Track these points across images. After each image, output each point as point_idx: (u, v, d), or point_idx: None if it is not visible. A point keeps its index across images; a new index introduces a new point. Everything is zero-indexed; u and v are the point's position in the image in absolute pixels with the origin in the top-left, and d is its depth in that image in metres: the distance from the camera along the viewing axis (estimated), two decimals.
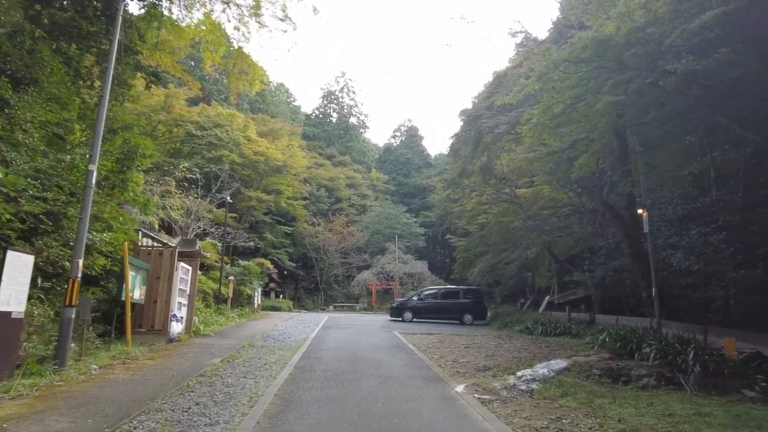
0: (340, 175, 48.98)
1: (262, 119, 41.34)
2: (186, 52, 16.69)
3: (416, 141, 65.19)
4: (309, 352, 10.91)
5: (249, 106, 54.94)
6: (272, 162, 33.20)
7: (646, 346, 9.53)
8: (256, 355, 10.20)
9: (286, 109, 72.02)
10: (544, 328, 15.88)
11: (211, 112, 34.44)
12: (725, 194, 14.19)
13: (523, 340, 14.07)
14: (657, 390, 7.77)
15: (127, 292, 9.91)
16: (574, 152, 15.12)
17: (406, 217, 47.52)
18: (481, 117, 21.42)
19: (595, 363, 9.01)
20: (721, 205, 14.16)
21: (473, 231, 29.37)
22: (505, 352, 11.21)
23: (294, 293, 38.25)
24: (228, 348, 11.05)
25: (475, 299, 23.06)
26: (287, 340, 13.24)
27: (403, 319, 22.31)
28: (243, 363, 9.16)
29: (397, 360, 9.86)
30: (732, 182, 14.23)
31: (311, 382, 7.47)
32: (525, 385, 7.19)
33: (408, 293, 33.22)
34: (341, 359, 9.80)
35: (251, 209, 33.37)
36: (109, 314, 10.18)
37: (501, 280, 33.07)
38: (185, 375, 7.60)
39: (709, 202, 14.28)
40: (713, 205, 14.26)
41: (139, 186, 12.20)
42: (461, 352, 11.21)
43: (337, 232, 39.69)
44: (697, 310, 13.53)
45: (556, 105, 10.76)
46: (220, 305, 20.69)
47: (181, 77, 17.95)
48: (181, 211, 24.45)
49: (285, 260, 37.52)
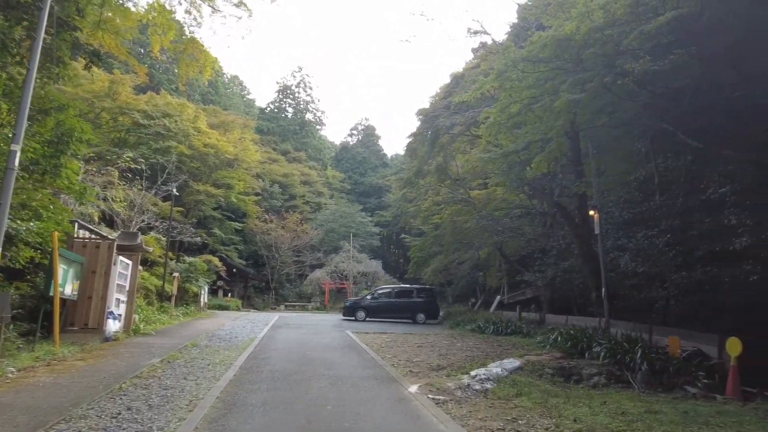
0: (295, 172, 47.99)
1: (214, 111, 39.83)
2: (133, 35, 15.70)
3: (373, 140, 65.01)
4: (256, 352, 10.41)
5: (201, 98, 52.96)
6: (223, 155, 32.02)
7: (596, 345, 9.67)
8: (200, 356, 9.61)
9: (240, 103, 70.06)
10: (495, 328, 16.00)
11: (159, 101, 32.84)
12: (667, 199, 14.81)
13: (476, 339, 14.09)
14: (607, 388, 7.84)
15: (55, 286, 9.07)
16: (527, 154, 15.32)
17: (361, 216, 47.18)
18: (438, 117, 21.45)
19: (548, 362, 9.04)
20: (664, 210, 14.76)
21: (428, 231, 29.46)
22: (458, 351, 11.13)
23: (243, 292, 37.10)
24: (169, 348, 10.37)
25: (428, 298, 23.10)
26: (234, 340, 12.65)
27: (356, 318, 22.00)
28: (184, 364, 8.58)
29: (349, 360, 9.55)
30: (674, 188, 14.86)
31: (257, 384, 7.03)
32: (479, 385, 7.05)
33: (362, 292, 32.95)
34: (290, 360, 9.38)
35: (200, 203, 32.07)
36: (36, 311, 9.29)
37: (453, 280, 33.37)
38: (118, 377, 6.98)
39: (654, 207, 14.85)
40: (657, 210, 14.84)
41: (75, 173, 11.27)
42: (414, 352, 11.04)
43: (291, 229, 38.82)
44: (642, 310, 14.01)
45: (513, 105, 10.78)
46: (163, 303, 19.66)
47: (126, 60, 16.87)
48: (124, 203, 23.14)
49: (234, 257, 36.34)
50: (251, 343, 12.09)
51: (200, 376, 7.50)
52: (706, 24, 8.06)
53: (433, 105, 23.56)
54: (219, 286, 33.18)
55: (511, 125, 11.22)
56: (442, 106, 21.98)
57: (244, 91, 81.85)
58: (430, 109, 23.32)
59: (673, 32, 8.17)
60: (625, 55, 8.44)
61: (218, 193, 31.98)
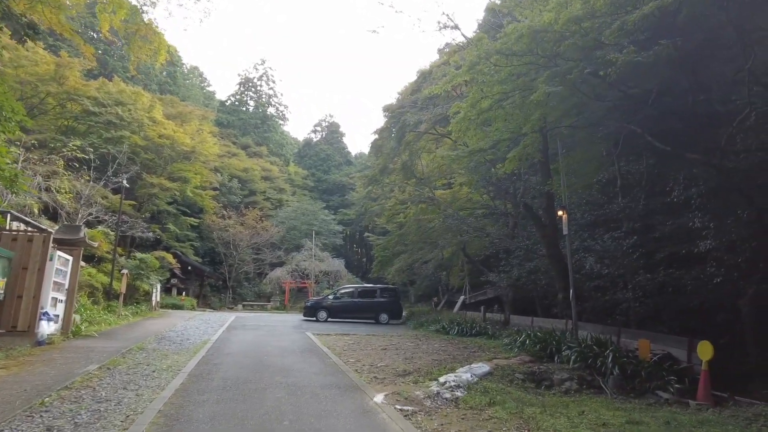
0: (255, 167, 46.52)
1: (171, 101, 38.00)
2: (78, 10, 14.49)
3: (337, 137, 64.15)
4: (208, 356, 9.64)
5: (158, 87, 50.67)
6: (179, 147, 30.51)
7: (565, 348, 9.43)
8: (145, 361, 8.77)
9: (200, 95, 67.67)
10: (460, 329, 15.70)
11: (112, 88, 30.98)
12: (630, 201, 14.93)
13: (441, 341, 13.72)
14: (579, 394, 7.58)
15: None
16: (495, 153, 15.10)
17: (324, 213, 46.29)
18: (405, 113, 21.02)
19: (517, 367, 8.71)
20: (627, 212, 14.86)
21: (392, 230, 29.07)
22: (423, 354, 10.68)
23: (199, 290, 35.65)
24: (111, 352, 9.46)
25: (391, 298, 22.65)
26: (185, 343, 11.78)
27: (317, 318, 21.31)
28: (126, 370, 7.75)
29: (308, 366, 8.92)
30: (636, 191, 15.00)
31: (206, 395, 6.34)
32: (449, 393, 6.61)
33: (324, 292, 32.20)
34: (244, 366, 8.68)
35: (153, 197, 30.47)
36: None
37: (416, 280, 33.13)
38: (44, 388, 6.13)
39: (617, 209, 14.93)
40: (620, 212, 14.93)
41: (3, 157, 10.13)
42: (379, 355, 10.52)
43: (250, 226, 37.55)
44: (606, 312, 14.02)
45: (483, 100, 10.42)
46: (111, 302, 18.40)
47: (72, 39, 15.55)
48: (70, 195, 21.58)
49: (190, 254, 34.84)
50: (204, 346, 11.28)
51: (143, 386, 6.73)
52: (682, 22, 7.91)
53: (400, 101, 23.12)
54: (173, 284, 31.72)
55: (480, 121, 10.86)
56: (409, 102, 21.57)
57: (204, 83, 79.22)
58: (397, 105, 22.87)
59: (651, 28, 7.98)
60: (606, 47, 8.19)
61: (173, 187, 30.47)
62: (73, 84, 27.99)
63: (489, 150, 14.14)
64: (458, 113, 10.94)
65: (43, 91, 27.16)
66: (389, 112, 23.81)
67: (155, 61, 15.09)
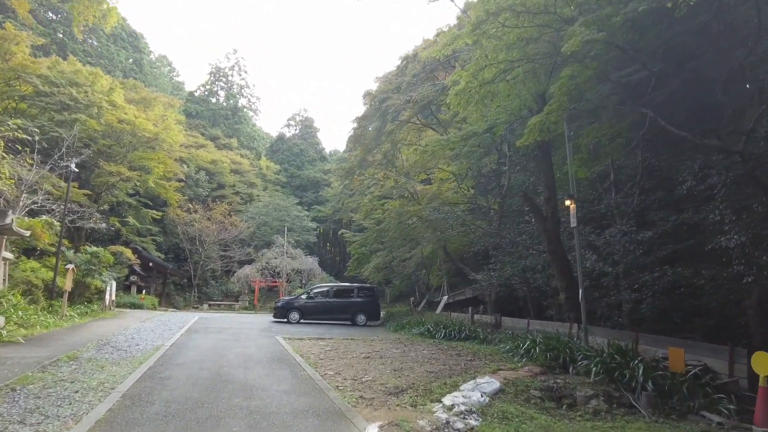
0: (225, 159, 44.11)
1: (134, 85, 35.46)
2: None
3: (311, 132, 62.18)
4: (155, 368, 7.90)
5: (122, 74, 47.88)
6: (141, 133, 28.16)
7: (581, 357, 8.07)
8: (71, 376, 6.98)
9: (168, 84, 64.67)
10: (447, 332, 14.25)
11: (66, 67, 28.44)
12: (625, 197, 13.86)
13: (428, 346, 12.24)
14: (611, 416, 6.19)
15: None
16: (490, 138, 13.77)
17: (297, 209, 44.31)
18: (387, 99, 19.49)
19: (530, 381, 7.29)
20: (621, 209, 13.77)
21: (370, 226, 27.52)
22: (414, 364, 9.17)
23: (162, 289, 33.29)
24: (29, 364, 7.62)
25: (369, 298, 21.07)
26: (132, 349, 9.97)
27: (288, 320, 19.57)
28: (38, 391, 5.98)
29: (278, 381, 7.28)
30: (630, 185, 13.96)
31: (137, 428, 4.67)
32: (461, 422, 5.12)
33: (296, 291, 30.37)
34: (198, 381, 6.99)
35: (112, 187, 28.07)
36: None
37: (392, 279, 31.66)
38: None
39: (614, 203, 13.83)
40: (617, 207, 13.83)
41: None
42: (362, 365, 8.96)
43: (218, 221, 35.34)
44: (608, 315, 12.83)
45: (487, 69, 9.01)
46: (54, 301, 16.27)
47: None
48: (11, 180, 19.25)
49: (152, 250, 32.51)
50: (154, 353, 9.51)
51: (52, 415, 5.01)
52: None
53: (381, 88, 21.54)
54: (132, 282, 29.38)
55: (483, 94, 9.43)
56: (392, 88, 20.03)
57: (173, 72, 76.10)
58: (378, 91, 21.30)
59: None
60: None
61: (134, 176, 28.11)
62: (21, 60, 25.40)
63: (484, 134, 12.76)
64: (457, 84, 9.48)
65: None
66: (369, 99, 22.25)
67: (105, 24, 13.19)
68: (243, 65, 58.90)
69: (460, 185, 18.80)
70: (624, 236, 11.73)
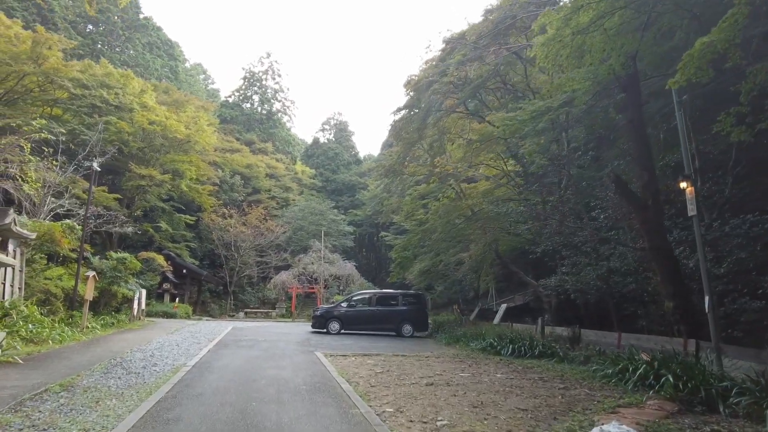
0: (260, 163, 43.06)
1: (167, 88, 34.83)
2: None
3: (346, 136, 60.85)
4: (164, 403, 6.07)
5: (157, 82, 47.77)
6: (172, 135, 27.15)
7: (736, 391, 5.77)
8: (49, 418, 5.22)
9: (203, 92, 64.74)
10: (515, 347, 12.04)
11: (98, 70, 27.83)
12: None
13: (500, 367, 10.06)
14: None
15: None
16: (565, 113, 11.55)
17: (333, 213, 42.75)
18: (432, 83, 17.47)
19: (671, 425, 5.06)
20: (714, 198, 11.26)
21: (412, 228, 25.47)
22: (495, 396, 7.04)
23: (197, 296, 32.23)
24: (5, 398, 5.94)
25: (415, 306, 19.00)
26: (145, 372, 8.25)
27: (328, 330, 17.73)
28: None
29: (323, 426, 5.32)
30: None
31: None
32: None
33: (334, 298, 28.61)
34: (215, 428, 5.09)
35: (144, 191, 27.12)
36: None
37: (434, 284, 29.47)
38: None
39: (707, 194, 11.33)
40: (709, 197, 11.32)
41: None
42: (427, 398, 6.89)
43: (253, 226, 34.08)
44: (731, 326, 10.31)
45: (583, 11, 6.89)
46: (76, 311, 14.95)
47: None
48: (37, 184, 18.31)
49: (186, 256, 31.46)
50: (170, 378, 7.76)
51: None
52: None
53: (425, 72, 19.53)
54: (165, 290, 28.29)
55: (575, 46, 7.31)
56: (437, 72, 18.00)
57: (209, 80, 76.65)
58: (422, 76, 19.29)
59: None
60: None
61: (165, 179, 27.08)
62: (54, 64, 24.75)
63: (559, 109, 10.57)
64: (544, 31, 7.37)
65: (18, 70, 23.94)
66: (411, 88, 20.25)
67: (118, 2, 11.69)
68: (277, 69, 57.98)
69: (521, 175, 16.43)
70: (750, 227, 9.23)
